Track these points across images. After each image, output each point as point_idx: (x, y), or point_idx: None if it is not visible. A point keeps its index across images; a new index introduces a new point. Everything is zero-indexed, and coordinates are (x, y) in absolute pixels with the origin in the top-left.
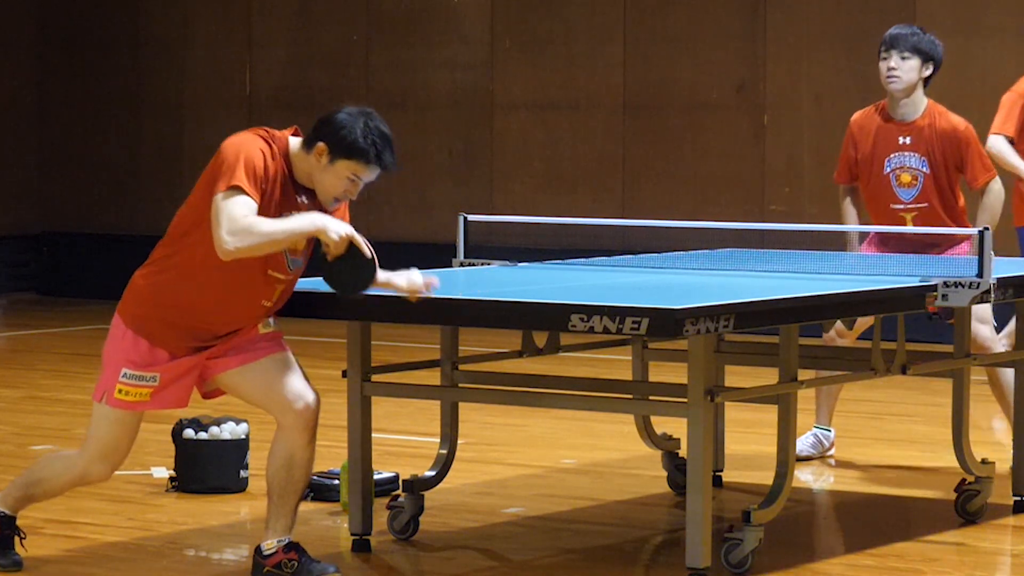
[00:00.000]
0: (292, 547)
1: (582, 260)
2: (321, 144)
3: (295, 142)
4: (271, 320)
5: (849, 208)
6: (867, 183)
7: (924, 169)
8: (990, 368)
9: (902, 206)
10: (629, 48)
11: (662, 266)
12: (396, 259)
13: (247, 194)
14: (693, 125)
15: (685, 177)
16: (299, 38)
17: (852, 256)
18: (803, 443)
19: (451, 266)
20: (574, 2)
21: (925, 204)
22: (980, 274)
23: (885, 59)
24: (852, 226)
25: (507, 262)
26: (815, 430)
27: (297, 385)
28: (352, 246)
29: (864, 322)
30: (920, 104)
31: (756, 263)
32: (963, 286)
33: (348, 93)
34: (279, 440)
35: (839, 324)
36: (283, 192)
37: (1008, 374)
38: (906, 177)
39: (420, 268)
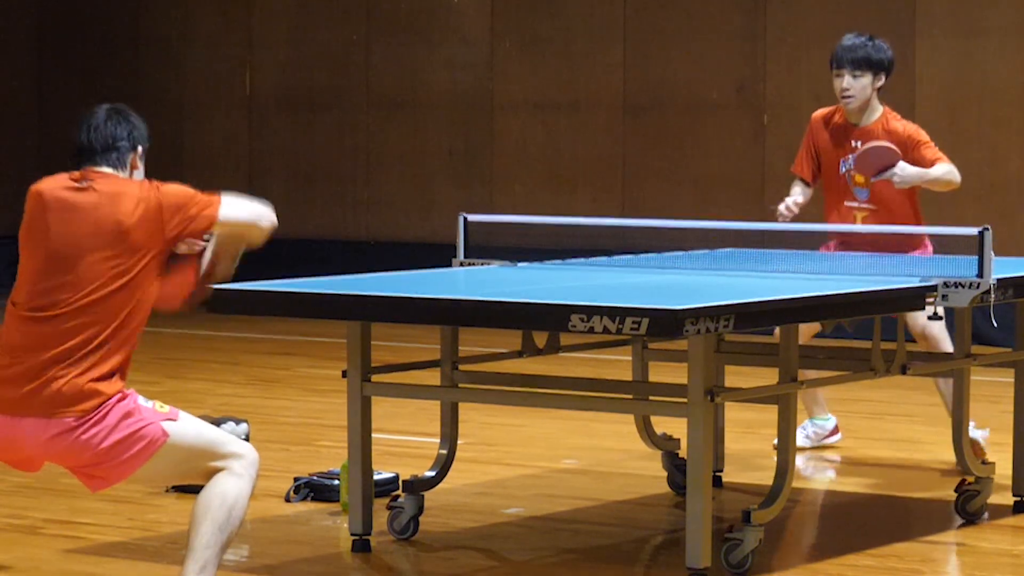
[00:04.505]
0: None
1: (582, 260)
2: (140, 149)
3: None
4: None
5: (798, 188)
6: (825, 179)
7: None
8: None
9: (856, 204)
10: (629, 48)
11: (662, 266)
12: (396, 259)
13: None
14: (693, 125)
15: (685, 177)
16: (299, 38)
17: (852, 256)
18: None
19: (451, 266)
20: (574, 2)
21: (876, 207)
22: (980, 274)
23: (838, 77)
24: (843, 226)
25: (507, 262)
26: (809, 423)
27: None
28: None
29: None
30: (875, 112)
31: (756, 263)
32: (963, 286)
33: (348, 93)
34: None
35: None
36: None
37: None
38: (860, 178)
39: (420, 268)
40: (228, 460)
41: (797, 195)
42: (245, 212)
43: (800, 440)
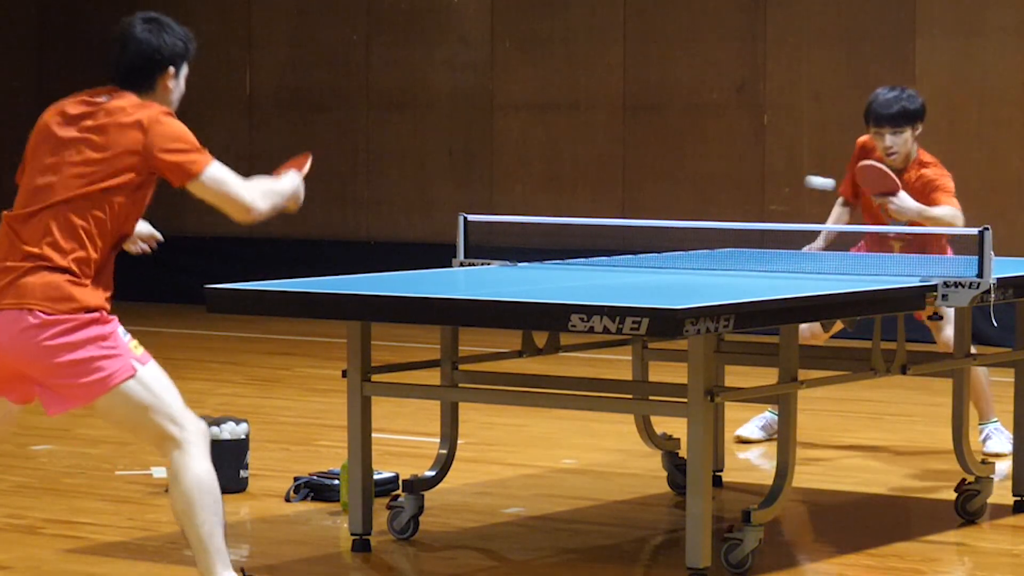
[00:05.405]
0: None
1: (582, 260)
2: (171, 69)
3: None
4: None
5: (837, 210)
6: (863, 204)
7: None
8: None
9: (892, 234)
10: (629, 48)
11: (662, 266)
12: (396, 259)
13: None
14: (693, 125)
15: (685, 177)
16: (299, 38)
17: (852, 256)
18: (754, 426)
19: (451, 266)
20: (574, 2)
21: (911, 236)
22: (980, 274)
23: (878, 136)
24: (839, 226)
25: (507, 262)
26: (769, 414)
27: None
28: None
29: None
30: (911, 156)
31: (756, 263)
32: (963, 286)
33: (348, 93)
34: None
35: (815, 325)
36: None
37: (977, 371)
38: (895, 215)
39: (420, 268)
40: (180, 431)
41: (820, 242)
42: (227, 192)
43: (757, 432)
